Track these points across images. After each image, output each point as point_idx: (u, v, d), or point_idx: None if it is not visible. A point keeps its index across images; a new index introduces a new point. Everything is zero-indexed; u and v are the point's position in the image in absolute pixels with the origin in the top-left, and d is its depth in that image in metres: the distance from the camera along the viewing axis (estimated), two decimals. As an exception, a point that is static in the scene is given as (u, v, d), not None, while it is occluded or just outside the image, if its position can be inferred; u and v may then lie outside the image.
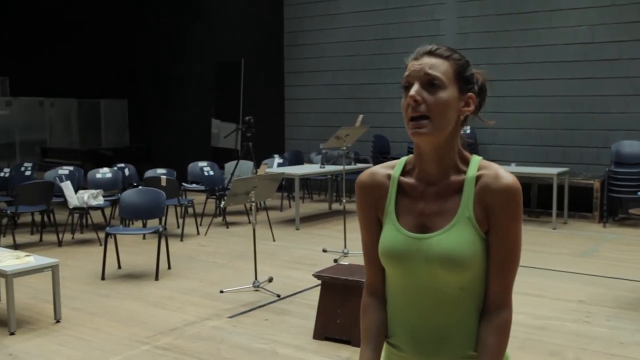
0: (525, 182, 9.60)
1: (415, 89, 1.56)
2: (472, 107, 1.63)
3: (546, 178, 9.09)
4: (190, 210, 9.45)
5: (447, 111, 1.57)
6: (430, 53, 1.60)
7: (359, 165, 10.41)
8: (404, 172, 1.70)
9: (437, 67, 1.58)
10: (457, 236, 1.58)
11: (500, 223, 1.57)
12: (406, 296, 1.66)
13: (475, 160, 1.64)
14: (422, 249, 1.60)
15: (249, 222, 7.60)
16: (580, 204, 9.35)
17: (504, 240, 1.58)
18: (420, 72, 1.58)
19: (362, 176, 1.75)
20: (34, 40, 13.42)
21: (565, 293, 5.84)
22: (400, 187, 1.68)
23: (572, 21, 9.83)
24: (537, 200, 9.77)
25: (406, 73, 1.61)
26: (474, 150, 10.49)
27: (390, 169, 1.72)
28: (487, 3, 10.52)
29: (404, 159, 1.73)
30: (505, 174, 1.58)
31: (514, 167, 9.46)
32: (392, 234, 1.65)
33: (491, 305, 1.61)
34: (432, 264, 1.59)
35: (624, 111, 9.50)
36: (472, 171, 1.62)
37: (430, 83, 1.56)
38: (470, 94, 1.62)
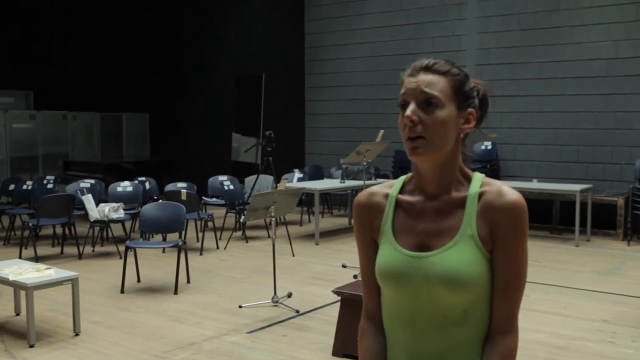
0: (547, 198, 9.50)
1: (411, 108, 1.51)
2: (472, 124, 1.56)
3: (569, 195, 8.97)
4: (210, 224, 9.46)
5: (446, 130, 1.51)
6: (427, 69, 1.54)
7: (379, 181, 10.36)
8: (403, 191, 1.64)
9: (434, 84, 1.51)
10: (460, 254, 1.50)
11: (505, 242, 1.50)
12: (405, 319, 1.58)
13: (478, 177, 1.58)
14: (422, 268, 1.53)
15: (269, 237, 7.58)
16: (603, 221, 9.22)
17: (509, 260, 1.50)
18: (416, 91, 1.52)
19: (360, 196, 1.69)
20: (58, 55, 13.59)
21: (589, 312, 5.74)
22: (399, 205, 1.62)
23: (595, 37, 9.75)
24: (559, 217, 9.66)
25: (402, 90, 1.55)
26: (495, 166, 10.42)
27: (389, 188, 1.66)
28: (509, 18, 10.47)
29: (402, 177, 1.67)
30: (510, 191, 1.52)
31: (535, 184, 9.36)
32: (390, 253, 1.58)
33: (496, 330, 1.53)
34: (433, 284, 1.51)
35: (648, 127, 9.38)
36: (474, 188, 1.55)
37: (427, 102, 1.50)
38: (470, 109, 1.55)
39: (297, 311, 5.81)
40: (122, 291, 6.56)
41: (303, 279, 7.10)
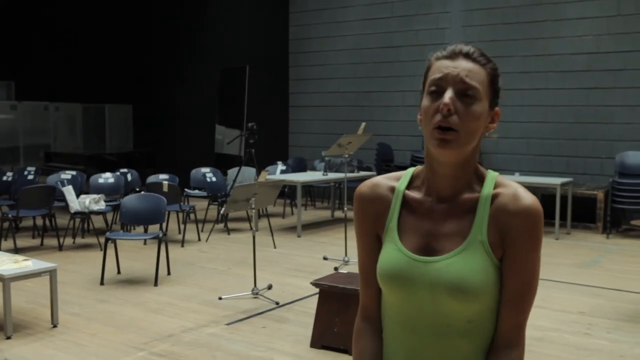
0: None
1: (450, 95, 1.37)
2: (496, 124, 1.46)
3: (550, 188, 9.03)
4: (192, 216, 9.44)
5: (478, 126, 1.41)
6: (468, 56, 1.41)
7: (362, 173, 10.38)
8: (410, 186, 1.52)
9: (475, 75, 1.39)
10: (468, 261, 1.40)
11: (517, 250, 1.40)
12: (405, 325, 1.48)
13: (492, 176, 1.47)
14: (427, 273, 1.42)
15: (251, 229, 7.58)
16: (583, 214, 9.30)
17: (520, 269, 1.40)
18: (456, 78, 1.38)
19: (363, 187, 1.57)
20: (39, 45, 13.48)
21: (566, 304, 5.79)
22: (405, 202, 1.50)
23: (578, 31, 9.80)
24: (540, 211, 9.70)
25: (437, 75, 1.40)
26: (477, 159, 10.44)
27: (395, 181, 1.54)
28: (493, 12, 10.50)
29: (410, 170, 1.55)
30: (526, 194, 1.42)
31: (517, 177, 9.40)
32: (393, 254, 1.47)
33: (501, 343, 1.43)
34: (438, 292, 1.41)
35: (628, 122, 9.46)
36: (487, 189, 1.44)
37: (465, 93, 1.38)
38: (497, 108, 1.46)
39: (277, 303, 5.81)
40: (102, 283, 6.53)
41: (284, 271, 7.11)
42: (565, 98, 9.92)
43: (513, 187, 1.44)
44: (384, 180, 1.56)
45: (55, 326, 5.20)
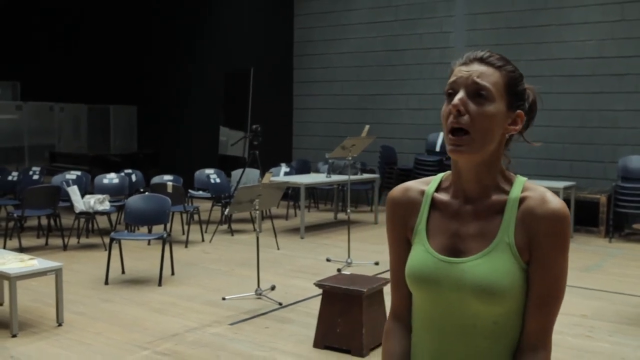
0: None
1: (459, 96, 1.41)
2: (519, 126, 1.48)
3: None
4: (195, 217, 9.47)
5: (492, 127, 1.42)
6: (482, 60, 1.45)
7: (366, 176, 10.42)
8: (440, 189, 1.55)
9: (487, 76, 1.43)
10: (495, 263, 1.41)
11: (545, 253, 1.41)
12: (432, 326, 1.51)
13: (520, 180, 1.49)
14: (453, 274, 1.45)
15: (254, 230, 7.62)
16: (586, 218, 9.31)
17: (547, 272, 1.41)
18: (467, 80, 1.43)
19: (394, 191, 1.61)
20: (45, 46, 13.54)
21: (569, 307, 5.81)
22: (434, 204, 1.54)
23: (582, 35, 9.83)
24: (543, 214, 9.72)
25: (452, 79, 1.46)
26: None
27: (425, 185, 1.57)
28: (497, 16, 10.53)
29: (440, 175, 1.59)
30: (553, 198, 1.43)
31: (520, 181, 9.42)
32: (421, 255, 1.50)
33: (527, 346, 1.43)
34: (464, 293, 1.43)
35: (632, 126, 9.48)
36: (515, 192, 1.46)
37: (477, 93, 1.41)
38: (519, 111, 1.47)
39: (280, 304, 5.85)
40: (107, 282, 6.57)
41: (287, 272, 7.14)
42: (569, 102, 9.94)
43: (541, 191, 1.46)
44: (415, 185, 1.60)
45: (60, 325, 5.23)
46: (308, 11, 12.64)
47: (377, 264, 7.34)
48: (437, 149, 10.80)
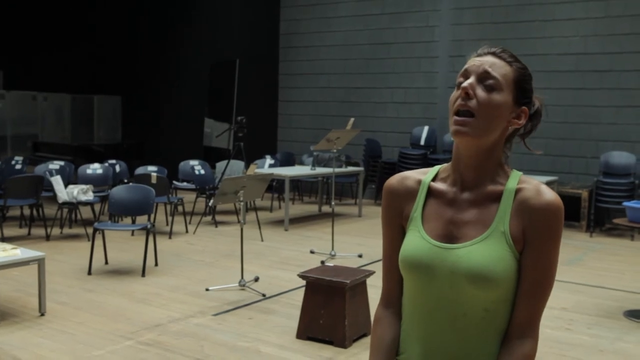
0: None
1: (470, 81, 1.47)
2: (522, 121, 1.53)
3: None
4: (180, 208, 9.46)
5: (497, 115, 1.47)
6: (494, 54, 1.52)
7: (350, 169, 10.45)
8: (437, 179, 1.59)
9: (498, 68, 1.49)
10: (489, 250, 1.45)
11: (537, 243, 1.45)
12: (423, 312, 1.53)
13: (516, 174, 1.54)
14: (448, 260, 1.47)
15: (238, 222, 7.63)
16: (568, 213, 9.29)
17: (538, 262, 1.45)
18: (479, 68, 1.49)
19: (392, 180, 1.64)
20: (29, 35, 13.42)
21: (550, 300, 5.83)
22: (431, 193, 1.57)
23: (566, 32, 9.90)
24: (525, 208, 9.80)
25: (464, 67, 1.52)
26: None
27: (422, 175, 1.61)
28: (482, 11, 10.58)
29: (437, 167, 1.63)
30: (548, 191, 1.47)
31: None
32: (416, 241, 1.53)
33: (515, 333, 1.48)
34: (458, 278, 1.46)
35: (613, 122, 9.58)
36: (512, 183, 1.51)
37: (487, 81, 1.48)
38: (524, 107, 1.53)
39: (264, 295, 5.87)
40: (90, 273, 6.56)
41: (271, 263, 7.16)
42: (552, 98, 10.00)
43: (536, 184, 1.50)
44: (412, 174, 1.63)
45: (42, 315, 5.22)
46: (294, 3, 12.62)
47: (360, 256, 7.38)
48: (422, 142, 10.86)
